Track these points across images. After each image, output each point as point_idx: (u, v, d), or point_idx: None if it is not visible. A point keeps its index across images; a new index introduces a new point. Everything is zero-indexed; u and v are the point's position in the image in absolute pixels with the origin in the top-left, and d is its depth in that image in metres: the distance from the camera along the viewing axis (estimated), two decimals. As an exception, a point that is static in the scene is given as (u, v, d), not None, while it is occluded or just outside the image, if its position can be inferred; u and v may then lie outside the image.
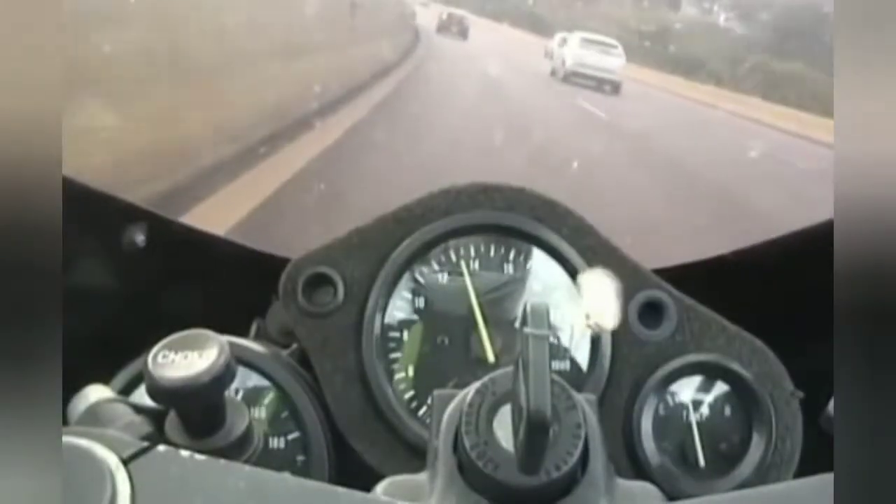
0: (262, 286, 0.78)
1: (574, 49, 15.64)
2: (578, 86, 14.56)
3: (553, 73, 16.10)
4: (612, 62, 15.68)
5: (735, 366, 0.71)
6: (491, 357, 0.72)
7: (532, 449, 0.34)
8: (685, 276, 0.78)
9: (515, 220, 0.75)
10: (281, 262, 0.74)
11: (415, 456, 0.68)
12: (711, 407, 0.73)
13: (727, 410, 0.72)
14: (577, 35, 16.28)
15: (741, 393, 0.72)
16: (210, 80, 4.32)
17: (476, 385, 0.38)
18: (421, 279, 0.74)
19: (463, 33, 20.50)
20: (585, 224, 0.75)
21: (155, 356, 0.42)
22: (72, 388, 0.47)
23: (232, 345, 0.44)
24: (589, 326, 0.68)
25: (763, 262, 0.83)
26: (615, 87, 15.32)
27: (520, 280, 0.75)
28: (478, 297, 0.74)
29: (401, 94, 9.11)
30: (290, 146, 4.81)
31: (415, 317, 0.74)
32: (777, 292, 0.78)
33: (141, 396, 0.47)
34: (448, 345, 0.73)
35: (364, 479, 0.41)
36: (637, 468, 0.70)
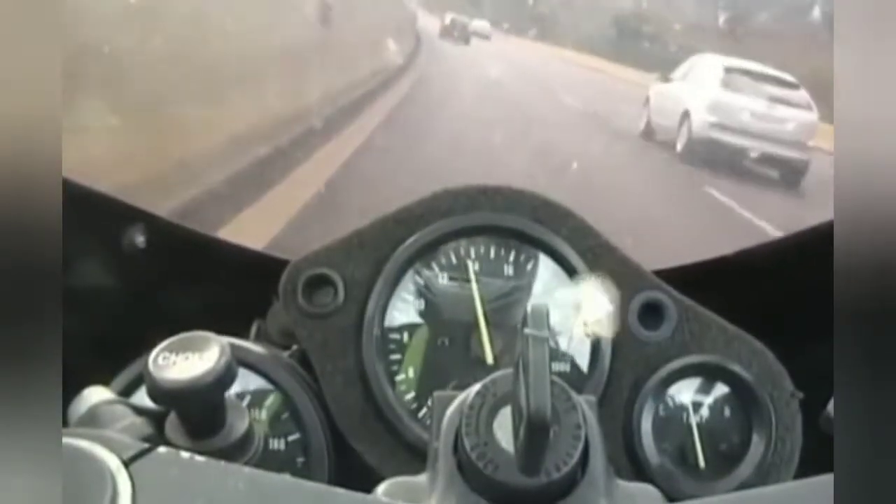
0: (262, 287, 0.78)
1: (710, 88, 7.68)
2: (705, 164, 6.98)
3: (647, 133, 8.28)
4: (792, 118, 7.46)
5: (735, 367, 0.71)
6: (491, 359, 0.72)
7: (532, 450, 0.34)
8: (685, 277, 0.78)
9: (516, 221, 0.75)
10: (281, 263, 0.74)
11: (415, 457, 0.68)
12: (711, 408, 0.73)
13: (727, 411, 0.72)
14: (715, 61, 8.23)
15: (741, 394, 0.72)
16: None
17: (476, 386, 0.38)
18: (421, 280, 0.74)
19: (465, 39, 19.26)
20: (586, 225, 0.75)
21: (155, 358, 0.42)
22: (72, 389, 0.47)
23: (232, 346, 0.44)
24: (587, 335, 0.68)
25: (763, 262, 0.83)
26: (794, 174, 7.25)
27: (520, 281, 0.75)
28: (481, 298, 0.74)
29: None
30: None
31: (415, 318, 0.74)
32: (777, 293, 0.78)
33: (141, 398, 0.47)
34: (449, 346, 0.73)
35: (364, 481, 0.41)
36: (637, 469, 0.70)
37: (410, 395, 0.72)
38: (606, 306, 0.68)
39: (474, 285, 0.74)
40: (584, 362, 0.73)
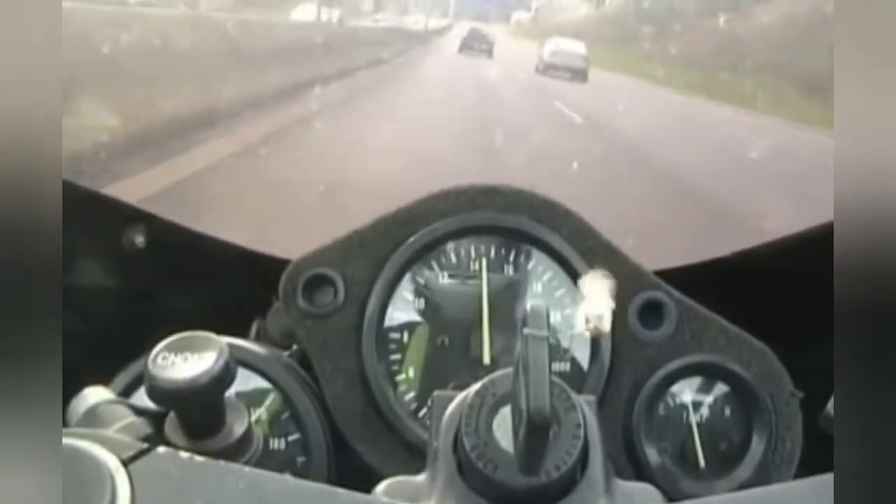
0: (263, 287, 0.78)
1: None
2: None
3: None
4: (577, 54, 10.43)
5: (735, 366, 0.71)
6: (488, 359, 0.72)
7: (532, 450, 0.34)
8: (685, 277, 0.78)
9: (516, 221, 0.75)
10: (281, 264, 0.74)
11: (415, 457, 0.68)
12: (711, 407, 0.73)
13: (727, 411, 0.72)
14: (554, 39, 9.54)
15: (741, 393, 0.72)
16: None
17: (476, 386, 0.38)
18: (421, 280, 0.74)
19: (488, 51, 15.82)
20: (586, 225, 0.75)
21: (155, 358, 0.42)
22: (72, 389, 0.47)
23: (232, 346, 0.44)
24: (588, 330, 0.68)
25: (763, 262, 0.83)
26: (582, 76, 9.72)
27: (520, 281, 0.75)
28: (484, 297, 0.74)
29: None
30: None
31: (415, 318, 0.74)
32: (777, 292, 0.78)
33: (141, 398, 0.47)
34: (448, 346, 0.73)
35: (364, 481, 0.41)
36: (637, 469, 0.70)
37: (410, 395, 0.72)
38: (608, 301, 0.68)
39: (484, 284, 0.74)
40: (584, 362, 0.73)
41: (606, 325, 0.67)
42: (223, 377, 0.42)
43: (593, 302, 0.68)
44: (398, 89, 9.58)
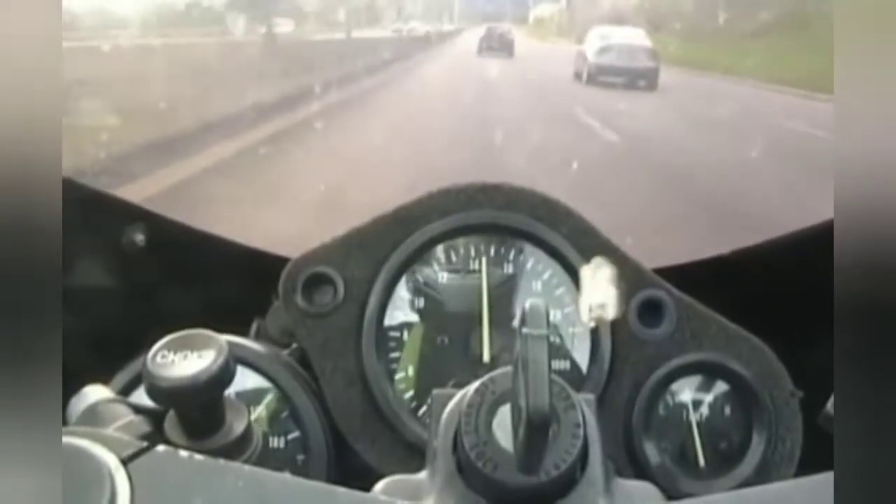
0: (263, 286, 0.78)
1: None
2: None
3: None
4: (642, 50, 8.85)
5: (735, 365, 0.71)
6: (488, 357, 0.72)
7: (531, 448, 0.34)
8: (685, 276, 0.78)
9: (515, 219, 0.75)
10: (281, 262, 0.74)
11: (414, 456, 0.68)
12: (711, 406, 0.73)
13: (727, 410, 0.72)
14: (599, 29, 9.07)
15: (741, 392, 0.72)
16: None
17: (475, 385, 0.38)
18: (421, 279, 0.74)
19: (507, 48, 15.02)
20: (585, 224, 0.75)
21: (154, 356, 0.42)
22: (71, 388, 0.47)
23: (231, 344, 0.44)
24: (591, 319, 0.68)
25: (763, 262, 0.82)
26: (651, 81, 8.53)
27: (519, 280, 0.75)
28: (484, 296, 0.74)
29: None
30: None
31: (415, 317, 0.74)
32: (777, 291, 0.78)
33: (140, 397, 0.46)
34: (448, 345, 0.73)
35: (364, 479, 0.41)
36: (637, 468, 0.70)
37: (410, 394, 0.72)
38: (610, 289, 0.68)
39: (484, 282, 0.74)
40: (583, 361, 0.73)
41: (610, 314, 0.67)
42: (223, 376, 0.42)
43: (595, 291, 0.68)
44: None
